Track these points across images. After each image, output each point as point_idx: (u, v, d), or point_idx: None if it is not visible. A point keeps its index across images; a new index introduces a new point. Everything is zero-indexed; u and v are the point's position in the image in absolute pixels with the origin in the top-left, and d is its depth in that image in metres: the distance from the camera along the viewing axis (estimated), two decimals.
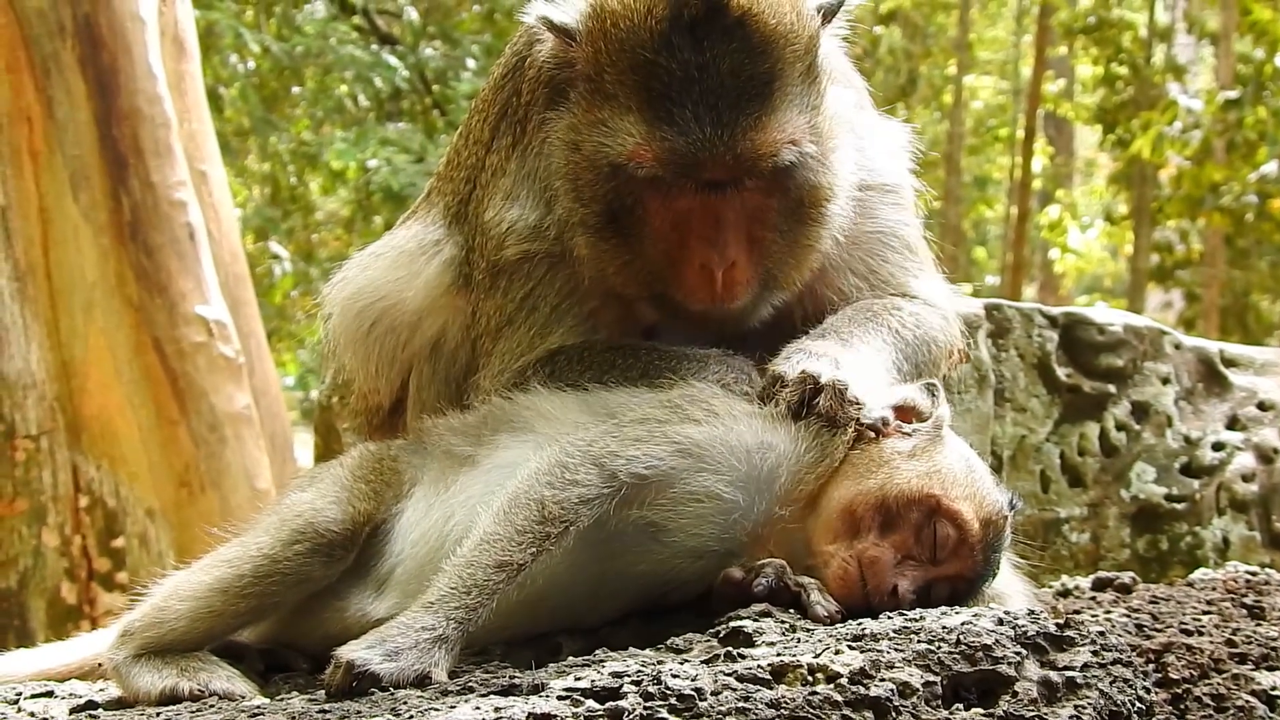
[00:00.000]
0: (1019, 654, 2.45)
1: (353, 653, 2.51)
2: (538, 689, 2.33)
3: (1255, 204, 16.86)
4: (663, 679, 2.27)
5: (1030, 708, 2.38)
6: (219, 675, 2.81)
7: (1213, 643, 2.91)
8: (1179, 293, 21.45)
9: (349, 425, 4.60)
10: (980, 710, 2.36)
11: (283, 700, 2.59)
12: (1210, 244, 19.61)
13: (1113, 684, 2.46)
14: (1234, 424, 4.88)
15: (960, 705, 2.38)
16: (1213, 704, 2.70)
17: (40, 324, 7.43)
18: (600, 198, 3.11)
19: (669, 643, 2.59)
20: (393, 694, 2.44)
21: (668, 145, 2.99)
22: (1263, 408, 4.89)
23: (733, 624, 2.60)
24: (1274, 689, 2.72)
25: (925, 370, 3.27)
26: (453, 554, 2.70)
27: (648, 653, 2.55)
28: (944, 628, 2.48)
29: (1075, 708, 2.39)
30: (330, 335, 3.61)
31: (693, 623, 2.71)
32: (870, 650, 2.40)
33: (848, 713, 2.26)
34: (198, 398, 7.65)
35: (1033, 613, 2.58)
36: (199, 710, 2.60)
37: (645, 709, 2.21)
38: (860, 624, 2.57)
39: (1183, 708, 2.69)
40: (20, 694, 2.98)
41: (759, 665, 2.34)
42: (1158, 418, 4.83)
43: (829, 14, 3.18)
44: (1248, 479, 4.80)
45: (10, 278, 7.39)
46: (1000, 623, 2.51)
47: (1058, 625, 2.55)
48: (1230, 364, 4.97)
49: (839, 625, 2.62)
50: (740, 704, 2.23)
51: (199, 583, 2.90)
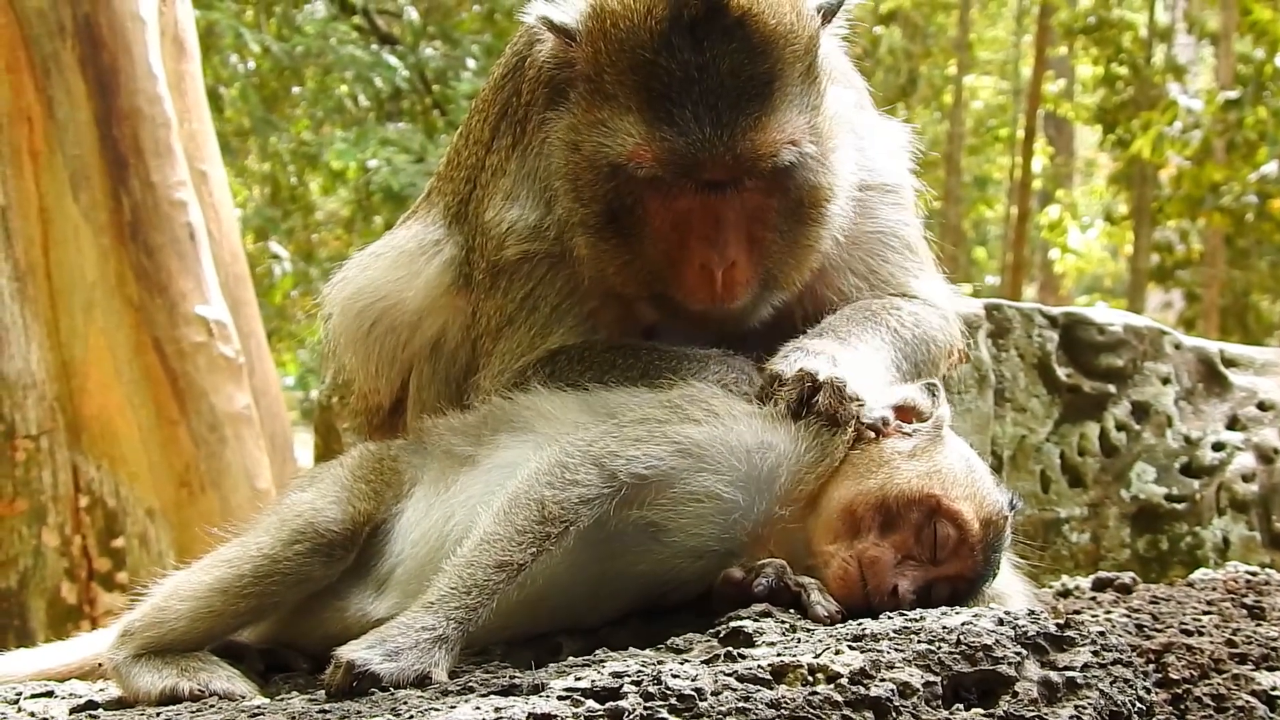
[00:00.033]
0: (1019, 654, 2.45)
1: (353, 653, 2.51)
2: (538, 689, 2.33)
3: (1255, 204, 16.86)
4: (663, 679, 2.27)
5: (1030, 708, 2.38)
6: (219, 675, 2.81)
7: (1213, 643, 2.90)
8: (1179, 293, 21.45)
9: (349, 425, 4.60)
10: (980, 710, 2.36)
11: (283, 700, 2.59)
12: (1210, 244, 19.62)
13: (1113, 684, 2.46)
14: (1234, 424, 4.87)
15: (960, 705, 2.37)
16: (1213, 704, 2.69)
17: (40, 324, 7.43)
18: (600, 198, 3.11)
19: (669, 643, 2.59)
20: (393, 694, 2.43)
21: (667, 145, 2.98)
22: (1263, 408, 4.89)
23: (733, 624, 2.60)
24: (1274, 689, 2.72)
25: (924, 369, 3.27)
26: (453, 554, 2.70)
27: (648, 653, 2.55)
28: (944, 628, 2.48)
29: (1075, 708, 2.39)
30: (330, 335, 3.61)
31: (693, 623, 2.70)
32: (870, 650, 2.40)
33: (848, 713, 2.26)
34: (198, 398, 7.65)
35: (1033, 613, 2.58)
36: (199, 710, 2.60)
37: (645, 709, 2.21)
38: (860, 624, 2.57)
39: (1183, 708, 2.69)
40: (20, 694, 2.98)
41: (759, 665, 2.34)
42: (1158, 418, 4.82)
43: (829, 14, 3.18)
44: (1248, 479, 4.79)
45: (10, 278, 7.39)
46: (1000, 623, 2.51)
47: (1058, 625, 2.55)
48: (1230, 364, 4.96)
49: (839, 625, 2.62)
50: (740, 704, 2.22)
51: (199, 583, 2.90)
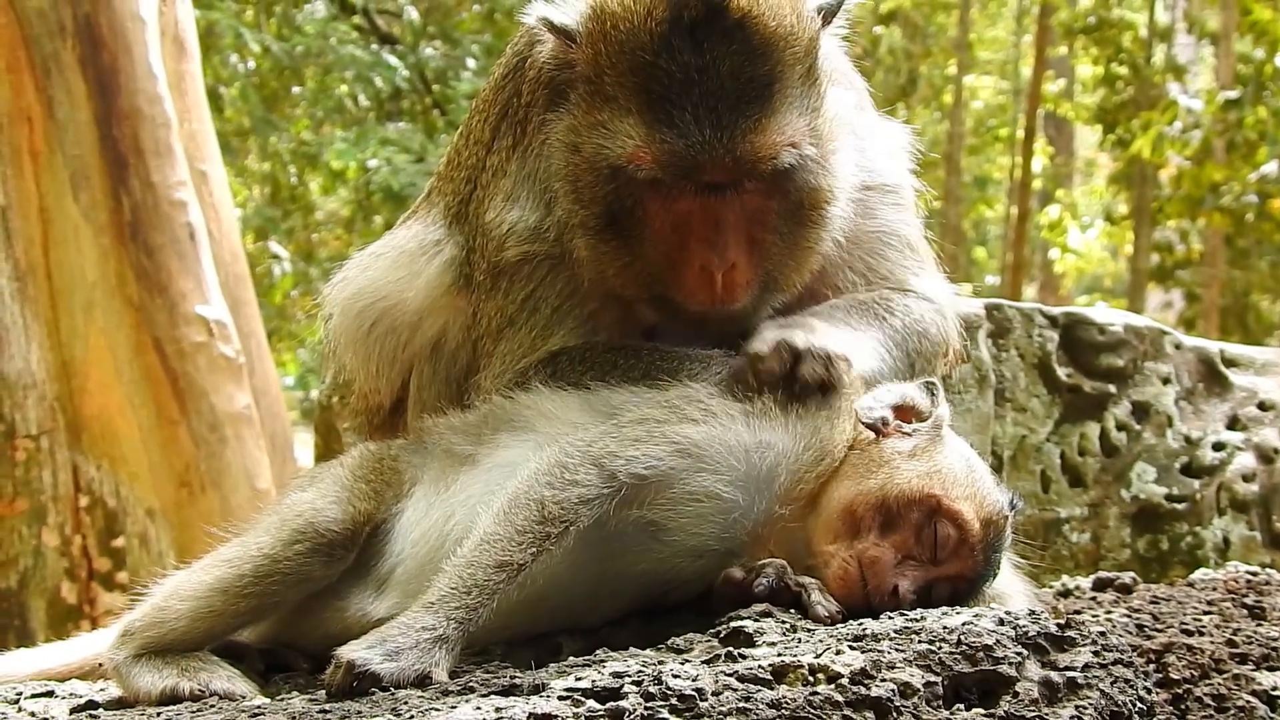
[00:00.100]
0: (1020, 654, 2.45)
1: (353, 653, 2.51)
2: (538, 689, 2.33)
3: (1255, 204, 16.85)
4: (663, 679, 2.27)
5: (1031, 708, 2.38)
6: (219, 675, 2.81)
7: (1213, 643, 2.90)
8: (1179, 293, 21.45)
9: (349, 425, 4.60)
10: (981, 710, 2.36)
11: (283, 700, 2.59)
12: (1210, 244, 19.61)
13: (1114, 684, 2.46)
14: (1234, 424, 4.87)
15: (961, 705, 2.38)
16: (1213, 704, 2.69)
17: (40, 324, 7.43)
18: (600, 200, 3.11)
19: (670, 643, 2.59)
20: (393, 694, 2.43)
21: (667, 148, 2.98)
22: (1263, 408, 4.88)
23: (733, 624, 2.60)
24: (1275, 689, 2.72)
25: (918, 360, 3.25)
26: (453, 554, 2.70)
27: (648, 653, 2.55)
28: (945, 628, 2.48)
29: (1076, 708, 2.39)
30: (331, 335, 3.61)
31: (693, 623, 2.71)
32: (871, 650, 2.40)
33: (849, 713, 2.26)
34: (198, 397, 7.65)
35: (1034, 613, 2.58)
36: (199, 710, 2.60)
37: (646, 709, 2.21)
38: (861, 624, 2.57)
39: (1183, 708, 2.69)
40: (21, 694, 2.98)
41: (760, 665, 2.34)
42: (1158, 418, 4.82)
43: (829, 15, 3.18)
44: (1248, 479, 4.79)
45: (10, 278, 7.39)
46: (1001, 623, 2.51)
47: (1059, 625, 2.55)
48: (1231, 364, 4.96)
49: (840, 625, 2.62)
50: (741, 704, 2.23)
51: (199, 582, 2.90)
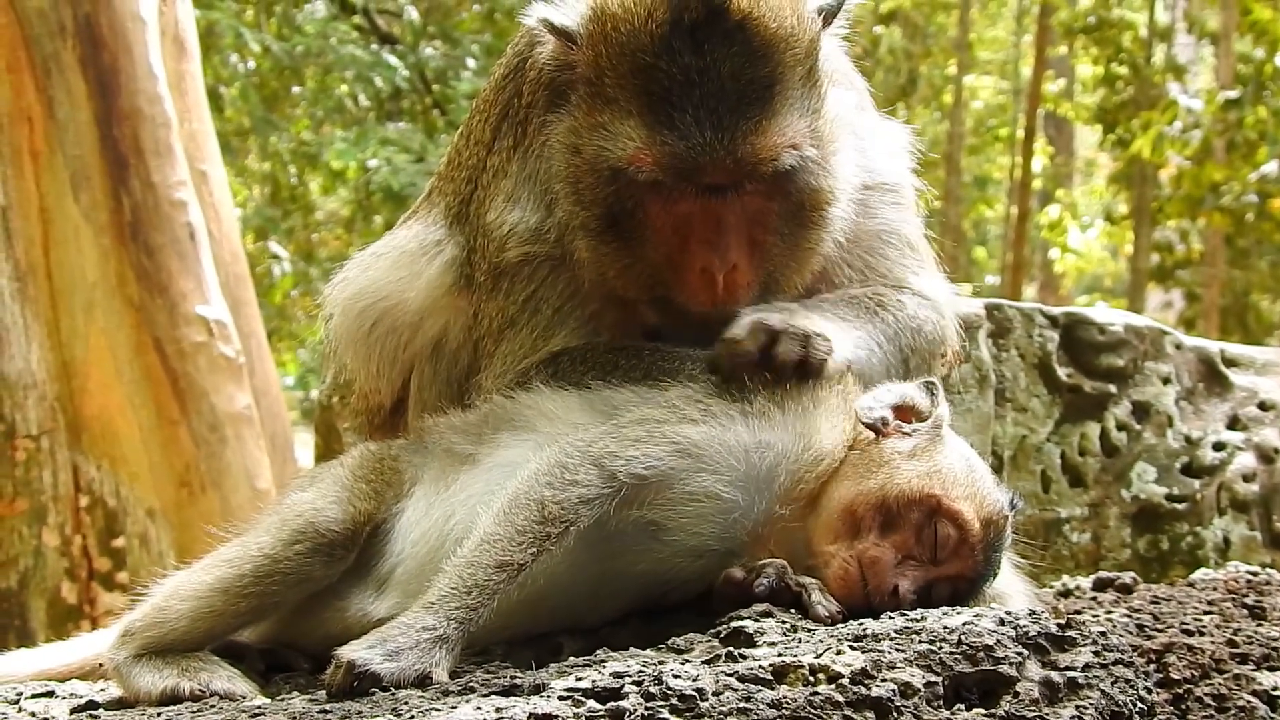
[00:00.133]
0: (1020, 654, 2.45)
1: (354, 653, 2.51)
2: (539, 689, 2.33)
3: (1255, 204, 16.85)
4: (664, 679, 2.27)
5: (1032, 708, 2.38)
6: (220, 675, 2.81)
7: (1214, 643, 2.90)
8: (1179, 293, 21.44)
9: (350, 425, 4.60)
10: (982, 710, 2.36)
11: (283, 700, 2.59)
12: (1210, 244, 19.61)
13: (1114, 684, 2.46)
14: (1235, 424, 4.87)
15: (962, 705, 2.37)
16: (1214, 704, 2.69)
17: (41, 324, 7.43)
18: (601, 201, 3.11)
19: (670, 643, 2.59)
20: (394, 694, 2.43)
21: (668, 149, 2.98)
22: (1263, 408, 4.88)
23: (734, 624, 2.60)
24: (1275, 689, 2.72)
25: (913, 358, 3.24)
26: (453, 554, 2.70)
27: (649, 653, 2.55)
28: (945, 628, 2.48)
29: (1077, 708, 2.39)
30: (331, 335, 3.61)
31: (694, 623, 2.71)
32: (871, 650, 2.40)
33: (849, 713, 2.26)
34: (198, 398, 7.65)
35: (1034, 613, 2.58)
36: (200, 710, 2.60)
37: (646, 709, 2.21)
38: (861, 624, 2.57)
39: (1184, 708, 2.69)
40: (21, 694, 2.98)
41: (760, 665, 2.34)
42: (1158, 418, 4.82)
43: (829, 16, 3.17)
44: (1248, 479, 4.79)
45: (11, 278, 7.39)
46: (1002, 623, 2.51)
47: (1059, 625, 2.55)
48: (1231, 364, 4.96)
49: (840, 625, 2.62)
50: (742, 704, 2.22)
51: (200, 582, 2.90)
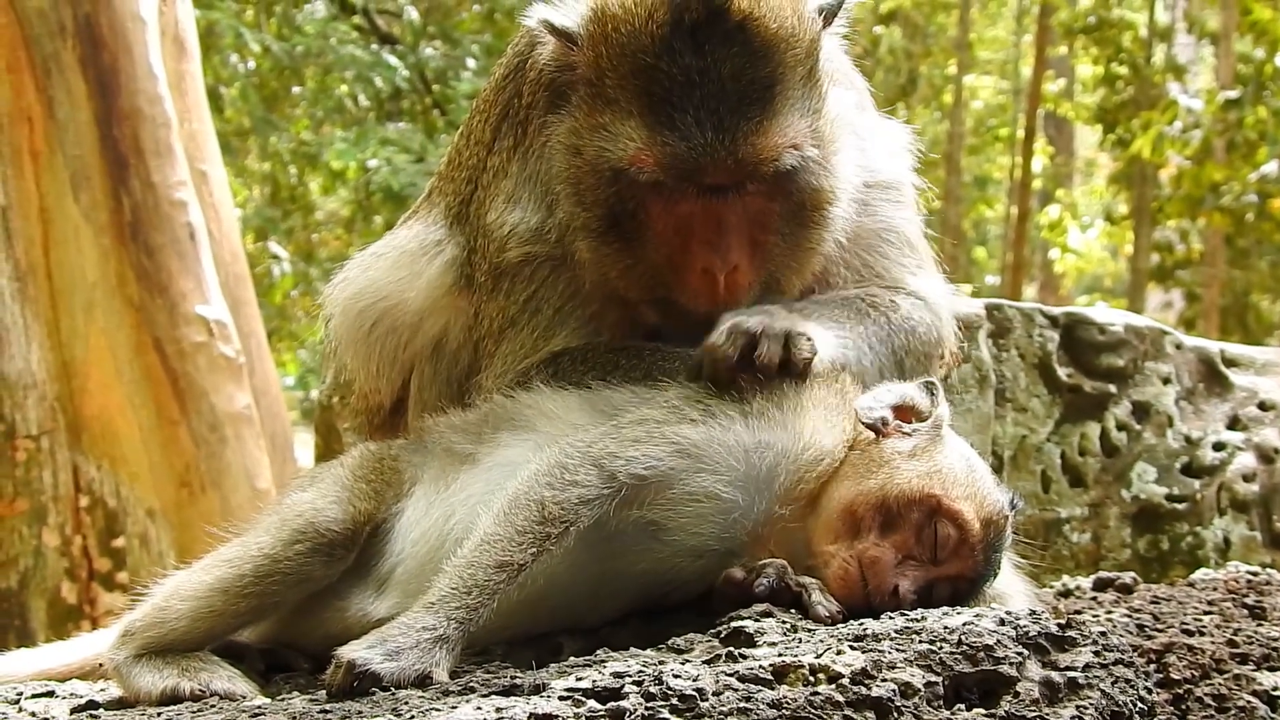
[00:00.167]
0: (1021, 654, 2.45)
1: (354, 652, 2.51)
2: (539, 689, 2.33)
3: (1255, 204, 16.85)
4: (664, 679, 2.27)
5: (1032, 708, 2.38)
6: (220, 675, 2.81)
7: (1214, 643, 2.90)
8: (1179, 293, 21.45)
9: (350, 425, 4.59)
10: (982, 710, 2.36)
11: (284, 700, 2.59)
12: (1210, 244, 19.61)
13: (1114, 684, 2.46)
14: (1235, 424, 4.87)
15: (962, 705, 2.37)
16: (1214, 704, 2.69)
17: (41, 324, 7.43)
18: (602, 202, 3.11)
19: (670, 643, 2.59)
20: (394, 694, 2.43)
21: (669, 150, 2.98)
22: (1263, 408, 4.88)
23: (734, 624, 2.60)
24: (1275, 689, 2.72)
25: (907, 359, 3.24)
26: (453, 554, 2.70)
27: (649, 653, 2.55)
28: (945, 628, 2.48)
29: (1077, 708, 2.39)
30: (332, 335, 3.61)
31: (694, 623, 2.71)
32: (872, 650, 2.40)
33: (849, 713, 2.26)
34: (198, 398, 7.65)
35: (1034, 613, 2.58)
36: (200, 710, 2.60)
37: (647, 709, 2.21)
38: (862, 624, 2.57)
39: (1184, 708, 2.69)
40: (21, 694, 2.98)
41: (760, 665, 2.34)
42: (1158, 418, 4.82)
43: (830, 16, 3.17)
44: (1249, 479, 4.79)
45: (11, 278, 7.39)
46: (1002, 623, 2.51)
47: (1059, 625, 2.54)
48: (1231, 364, 4.96)
49: (840, 625, 2.62)
50: (742, 704, 2.22)
51: (200, 582, 2.90)
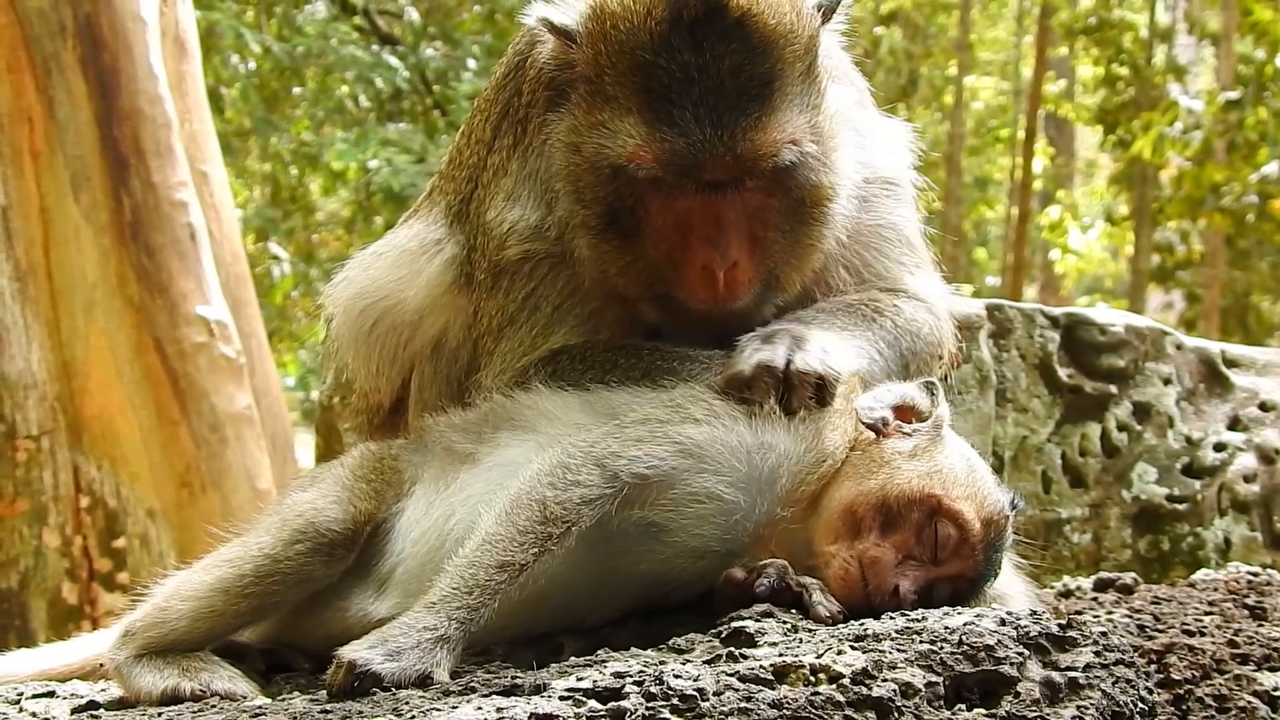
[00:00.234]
0: (1021, 654, 2.45)
1: (354, 653, 2.51)
2: (540, 689, 2.33)
3: (1256, 205, 16.85)
4: (665, 679, 2.26)
5: (1033, 708, 2.37)
6: (220, 675, 2.81)
7: (1215, 643, 2.90)
8: (1180, 293, 21.45)
9: (350, 425, 4.60)
10: (983, 710, 2.36)
11: (284, 700, 2.59)
12: (1211, 245, 19.61)
13: (1115, 684, 2.46)
14: (1235, 424, 4.87)
15: (963, 705, 2.37)
16: (1215, 705, 2.69)
17: (41, 324, 7.43)
18: (601, 199, 3.11)
19: (671, 643, 2.59)
20: (394, 694, 2.43)
21: (668, 146, 2.98)
22: (1264, 408, 4.88)
23: (735, 624, 2.60)
24: (1276, 690, 2.72)
25: (912, 361, 3.24)
26: (454, 554, 2.70)
27: (650, 653, 2.55)
28: (946, 628, 2.48)
29: (1078, 708, 2.39)
30: (333, 335, 3.61)
31: (694, 623, 2.70)
32: (872, 650, 2.39)
33: (850, 713, 2.26)
34: (199, 398, 7.65)
35: (1035, 613, 2.58)
36: (200, 710, 2.60)
37: (647, 709, 2.21)
38: (862, 624, 2.57)
39: (1185, 708, 2.68)
40: (22, 694, 2.98)
41: (761, 665, 2.34)
42: (1159, 418, 4.82)
43: (828, 12, 3.17)
44: (1249, 479, 4.79)
45: (11, 278, 7.39)
46: (1003, 623, 2.51)
47: (1060, 626, 2.54)
48: (1232, 364, 4.96)
49: (841, 626, 2.62)
50: (742, 704, 2.22)
51: (200, 583, 2.90)
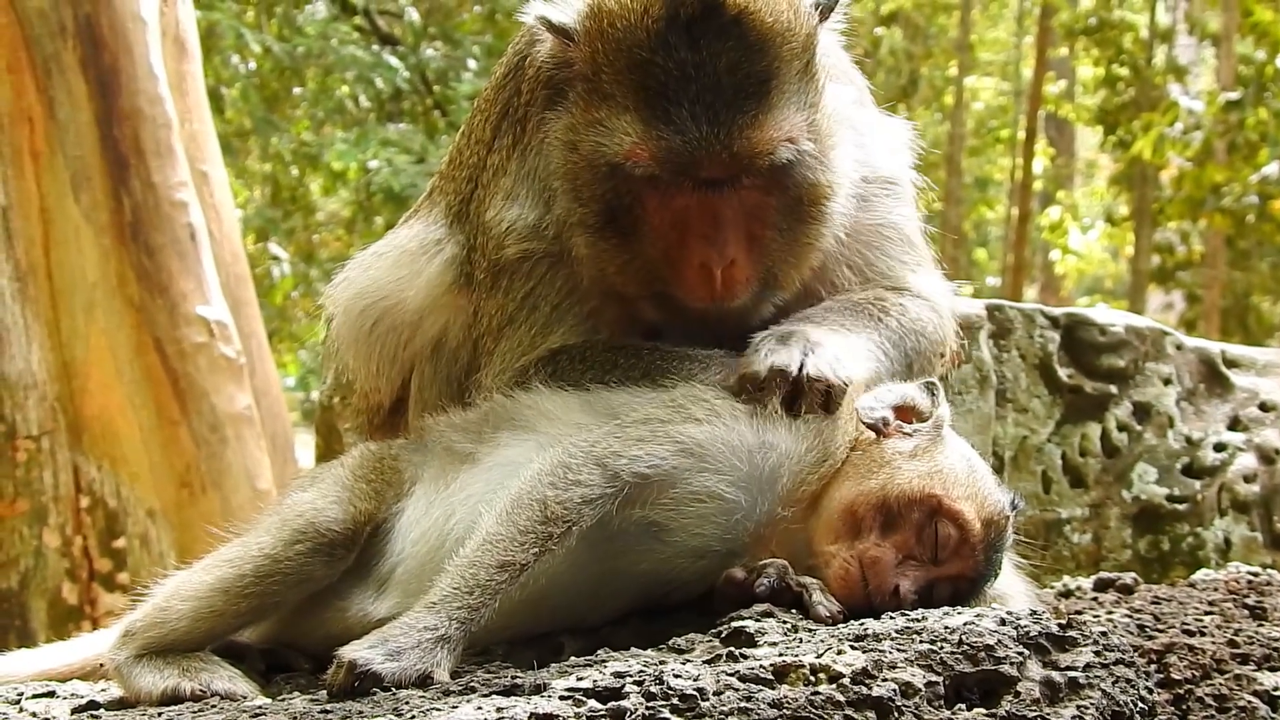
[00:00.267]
0: (1021, 654, 2.45)
1: (355, 652, 2.51)
2: (540, 689, 2.33)
3: (1256, 205, 16.85)
4: (665, 679, 2.26)
5: (1033, 708, 2.37)
6: (221, 675, 2.81)
7: (1215, 643, 2.90)
8: (1180, 294, 21.45)
9: (350, 425, 4.60)
10: (983, 710, 2.36)
11: (284, 700, 2.59)
12: (1211, 245, 19.62)
13: (1115, 684, 2.46)
14: (1235, 425, 4.87)
15: (963, 705, 2.37)
16: (1215, 704, 2.69)
17: (41, 324, 7.43)
18: (599, 197, 3.11)
19: (671, 643, 2.59)
20: (395, 694, 2.43)
21: (665, 144, 2.98)
22: (1264, 408, 4.88)
23: (735, 624, 2.60)
24: (1276, 689, 2.72)
25: (915, 360, 3.24)
26: (454, 554, 2.70)
27: (650, 653, 2.55)
28: (946, 628, 2.48)
29: (1078, 708, 2.38)
30: (333, 335, 3.61)
31: (695, 623, 2.71)
32: (872, 650, 2.39)
33: (850, 713, 2.26)
34: (199, 398, 7.65)
35: (1035, 613, 2.58)
36: (201, 710, 2.60)
37: (647, 709, 2.21)
38: (862, 624, 2.57)
39: (1185, 708, 2.68)
40: (22, 694, 2.98)
41: (761, 665, 2.34)
42: (1159, 418, 4.82)
43: (826, 10, 3.16)
44: (1249, 480, 4.79)
45: (11, 278, 7.39)
46: (1003, 623, 2.51)
47: (1060, 625, 2.54)
48: (1232, 365, 4.96)
49: (841, 625, 2.62)
50: (743, 704, 2.22)
51: (200, 583, 2.90)
